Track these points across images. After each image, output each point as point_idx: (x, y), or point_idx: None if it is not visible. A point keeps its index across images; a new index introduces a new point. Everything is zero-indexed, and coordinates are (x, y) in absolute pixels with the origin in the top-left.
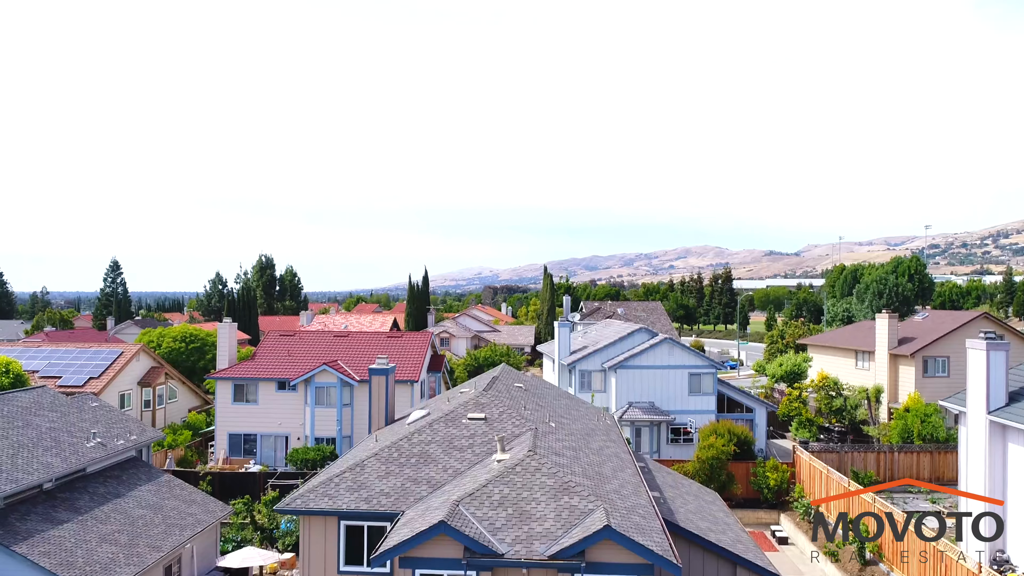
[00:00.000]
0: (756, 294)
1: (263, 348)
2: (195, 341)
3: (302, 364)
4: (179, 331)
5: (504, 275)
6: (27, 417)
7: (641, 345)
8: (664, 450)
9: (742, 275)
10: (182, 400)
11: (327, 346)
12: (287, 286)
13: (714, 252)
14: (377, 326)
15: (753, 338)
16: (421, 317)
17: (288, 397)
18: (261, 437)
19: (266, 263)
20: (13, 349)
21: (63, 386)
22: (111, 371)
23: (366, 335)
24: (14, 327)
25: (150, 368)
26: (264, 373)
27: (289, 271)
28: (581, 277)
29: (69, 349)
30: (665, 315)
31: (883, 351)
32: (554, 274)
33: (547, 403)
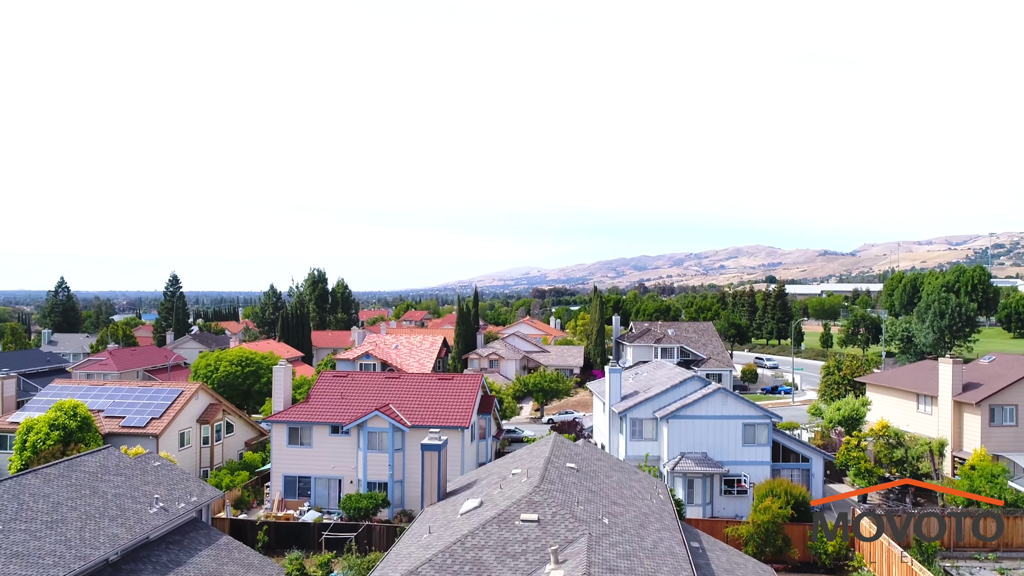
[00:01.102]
0: (810, 303)
1: (317, 390)
2: (250, 365)
3: (355, 408)
4: (235, 355)
5: (552, 275)
6: (94, 484)
7: (693, 394)
8: (717, 502)
9: (795, 275)
10: (238, 433)
11: (379, 389)
12: (339, 299)
13: (766, 252)
14: (427, 347)
15: (807, 354)
16: (471, 338)
17: (341, 441)
18: (315, 479)
19: (318, 277)
20: (80, 387)
21: (127, 426)
22: (171, 411)
23: (417, 378)
24: (79, 340)
25: (208, 405)
26: (318, 417)
27: (340, 284)
28: (629, 277)
29: (132, 388)
30: (716, 336)
31: (947, 398)
32: (602, 274)
33: (599, 486)
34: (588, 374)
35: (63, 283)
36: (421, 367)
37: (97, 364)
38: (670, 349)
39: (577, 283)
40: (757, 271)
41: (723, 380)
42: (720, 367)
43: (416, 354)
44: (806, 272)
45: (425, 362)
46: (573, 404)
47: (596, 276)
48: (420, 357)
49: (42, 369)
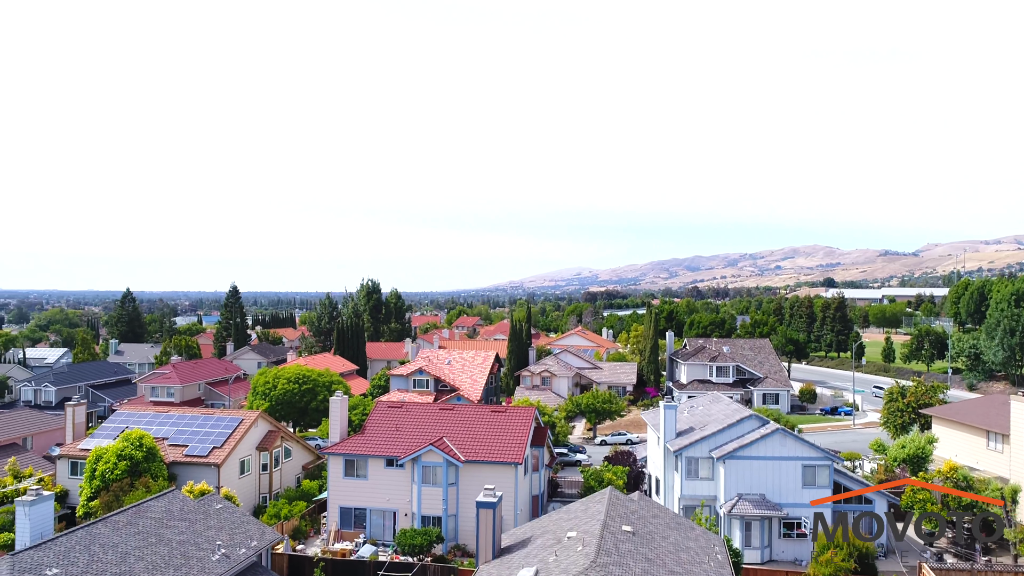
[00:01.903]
0: (871, 310)
1: (372, 420)
2: (307, 383)
3: (409, 440)
4: (293, 372)
5: (603, 276)
6: (159, 531)
7: (751, 434)
8: (776, 545)
9: (854, 277)
10: (296, 458)
11: (433, 421)
12: (392, 309)
13: (824, 252)
14: (480, 363)
15: (868, 368)
16: (523, 355)
17: (396, 474)
18: (371, 511)
19: (372, 287)
20: (145, 414)
21: (190, 455)
22: (232, 440)
23: (470, 410)
24: (144, 351)
25: (267, 432)
26: (373, 450)
27: (394, 294)
28: (682, 278)
29: (195, 416)
30: (772, 353)
31: (1020, 439)
32: (654, 274)
33: (656, 552)
34: (641, 391)
35: (129, 294)
36: (474, 383)
37: (161, 378)
38: (725, 368)
39: (629, 284)
40: (814, 272)
41: (780, 400)
42: (777, 386)
43: (469, 370)
44: (866, 273)
45: (478, 379)
46: (626, 424)
47: (648, 277)
48: (473, 373)
49: (110, 380)
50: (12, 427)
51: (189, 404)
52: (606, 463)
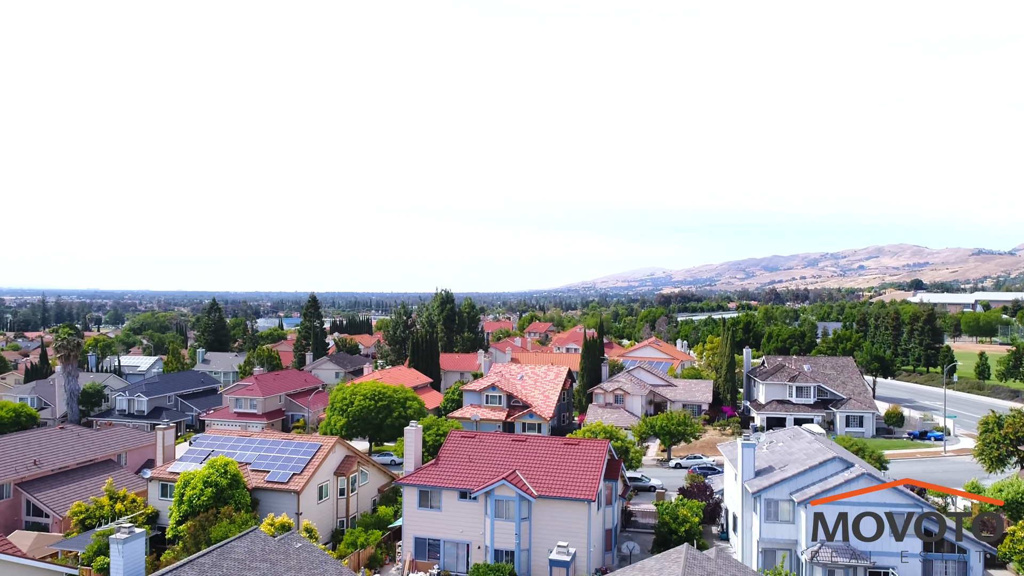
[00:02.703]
0: (963, 318)
1: (446, 450)
2: (383, 399)
3: (482, 473)
4: (369, 389)
5: (677, 276)
6: (242, 573)
7: (834, 478)
8: None
9: (944, 278)
10: (372, 481)
11: (505, 452)
12: (465, 319)
13: (911, 251)
14: (552, 378)
15: (960, 385)
16: (595, 371)
17: (470, 506)
18: (444, 542)
19: (446, 297)
20: (229, 439)
21: (271, 481)
22: (311, 467)
23: (543, 443)
24: (229, 360)
25: (344, 457)
26: (447, 482)
27: (467, 303)
28: (760, 279)
29: (276, 441)
30: (856, 372)
31: None
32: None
33: None
34: (717, 410)
35: (215, 304)
36: (546, 400)
37: (244, 390)
38: (806, 388)
39: (704, 285)
40: (901, 272)
41: (865, 423)
42: (861, 408)
43: (541, 386)
44: (957, 274)
45: (550, 395)
46: (701, 446)
47: (724, 278)
48: (545, 389)
49: (197, 390)
50: (108, 444)
51: (270, 415)
52: (681, 497)
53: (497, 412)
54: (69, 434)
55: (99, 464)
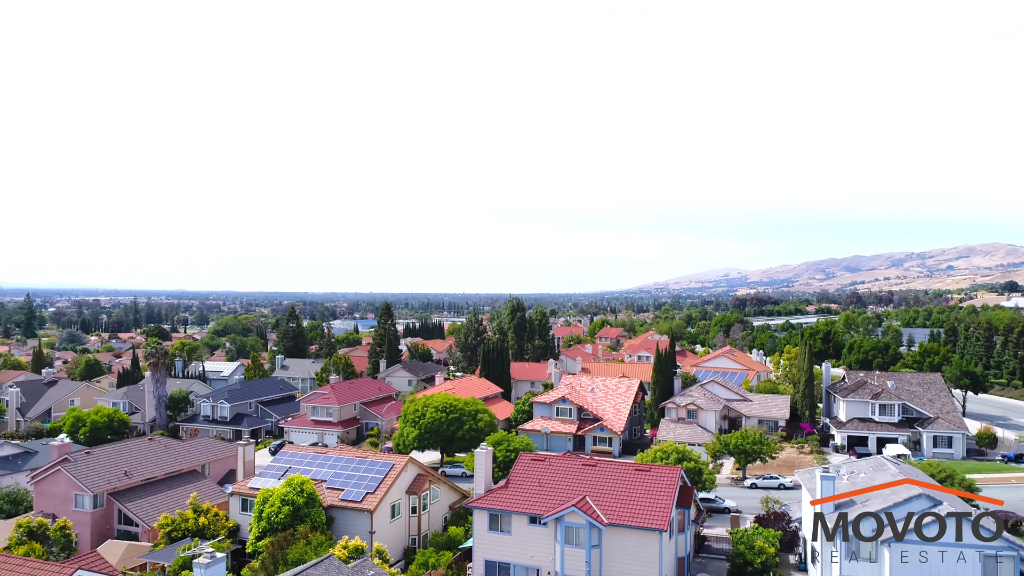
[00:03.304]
0: None
1: (516, 474)
2: (454, 412)
3: (552, 497)
4: (440, 401)
5: (753, 277)
6: None
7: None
8: None
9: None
10: (443, 498)
11: (575, 477)
12: (535, 327)
13: (1005, 251)
14: (623, 391)
15: None
16: (668, 385)
17: (539, 532)
18: (514, 567)
19: (516, 305)
20: (306, 456)
21: (345, 500)
22: (384, 486)
23: (614, 468)
24: (307, 366)
25: (416, 476)
26: (517, 506)
27: (539, 309)
28: (840, 280)
29: (350, 459)
30: (944, 389)
31: None
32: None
33: None
34: (795, 426)
35: (294, 312)
36: (617, 413)
37: (321, 398)
38: (889, 406)
39: (781, 286)
40: (993, 273)
41: (954, 444)
42: (950, 428)
43: (612, 398)
44: None
45: (621, 408)
46: (777, 466)
47: (802, 278)
48: (616, 402)
49: (276, 397)
50: (193, 455)
51: (345, 424)
52: (756, 525)
53: (567, 425)
54: (157, 445)
55: (185, 474)
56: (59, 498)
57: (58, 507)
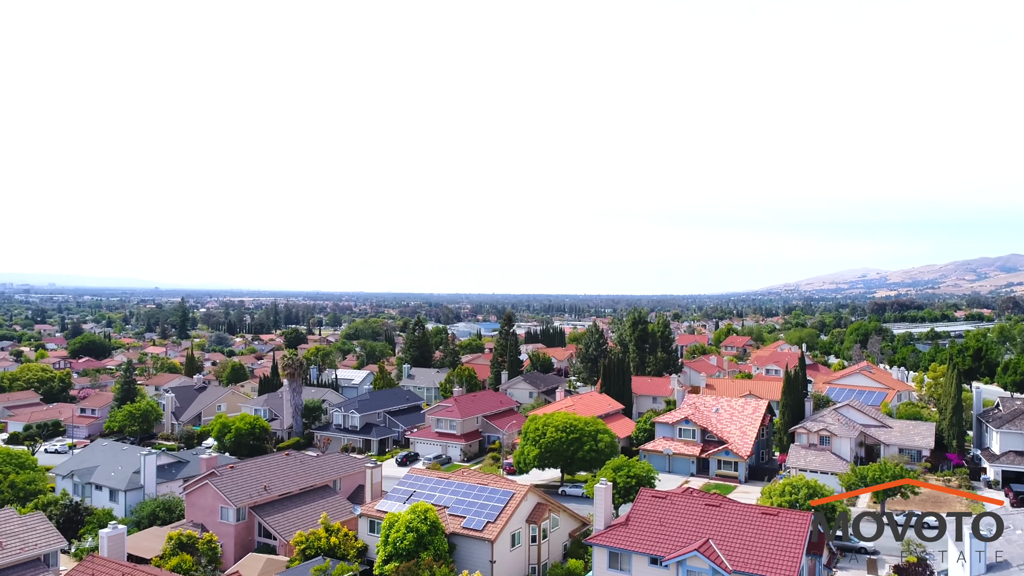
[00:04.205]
0: None
1: (636, 511)
2: (574, 432)
3: (673, 538)
4: (561, 421)
5: (893, 277)
6: None
7: None
8: None
9: None
10: (563, 525)
11: (698, 518)
12: (658, 339)
13: None
14: (749, 412)
15: None
16: (798, 408)
17: (660, 573)
18: None
19: (638, 318)
20: (429, 480)
21: (466, 528)
22: (504, 515)
23: (739, 510)
24: (431, 375)
25: (536, 505)
26: (637, 546)
27: (661, 321)
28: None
29: (472, 486)
30: None
31: None
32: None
33: None
34: (940, 457)
35: (419, 322)
36: (743, 436)
37: (444, 411)
38: None
39: (925, 288)
40: None
41: None
42: None
43: (738, 420)
44: None
45: (747, 431)
46: (920, 501)
47: (949, 279)
48: (742, 424)
49: (403, 407)
50: (326, 471)
51: (467, 437)
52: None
53: (690, 447)
54: (293, 461)
55: (318, 489)
56: (207, 509)
57: (206, 518)
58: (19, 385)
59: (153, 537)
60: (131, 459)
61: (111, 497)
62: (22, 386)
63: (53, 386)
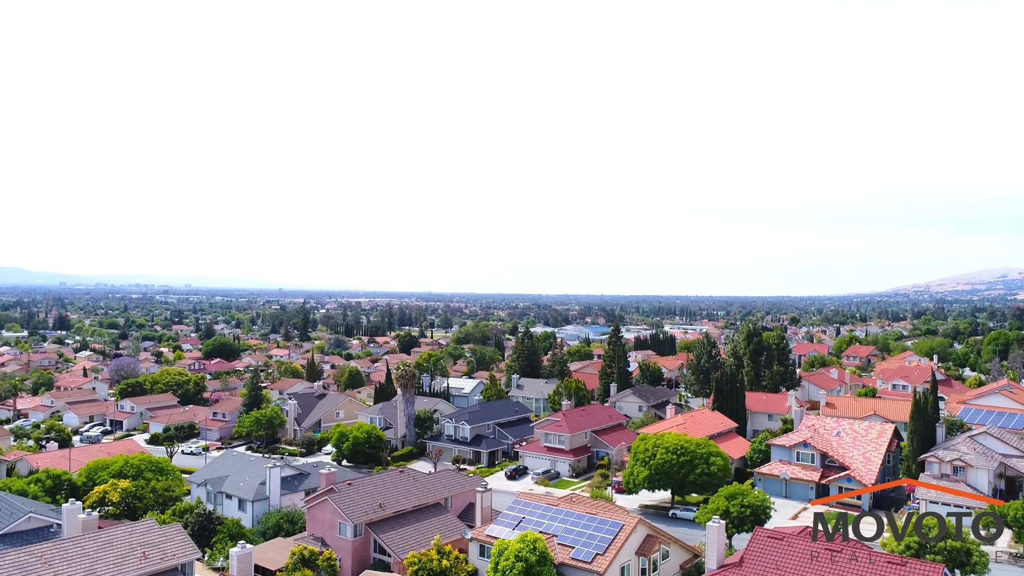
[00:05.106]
0: None
1: (751, 552)
2: (685, 454)
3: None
4: (672, 442)
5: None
6: None
7: None
8: None
9: None
10: (673, 557)
11: (817, 563)
12: (774, 352)
13: None
14: (874, 437)
15: None
16: (929, 434)
17: None
18: None
19: (753, 331)
20: (539, 507)
21: (575, 559)
22: (613, 547)
23: (862, 555)
24: (540, 386)
25: (646, 537)
26: None
27: (777, 333)
28: None
29: (580, 515)
30: None
31: None
32: None
33: None
34: None
35: (528, 332)
36: (867, 463)
37: (553, 425)
38: None
39: None
40: None
41: None
42: None
43: (861, 445)
44: None
45: (872, 457)
46: None
47: None
48: (866, 450)
49: (512, 419)
50: (437, 489)
51: (576, 452)
52: None
53: (809, 472)
54: (406, 478)
55: (430, 507)
56: (326, 524)
57: (325, 532)
58: (159, 388)
59: (277, 549)
60: (258, 470)
61: (239, 506)
62: (162, 388)
63: (188, 389)
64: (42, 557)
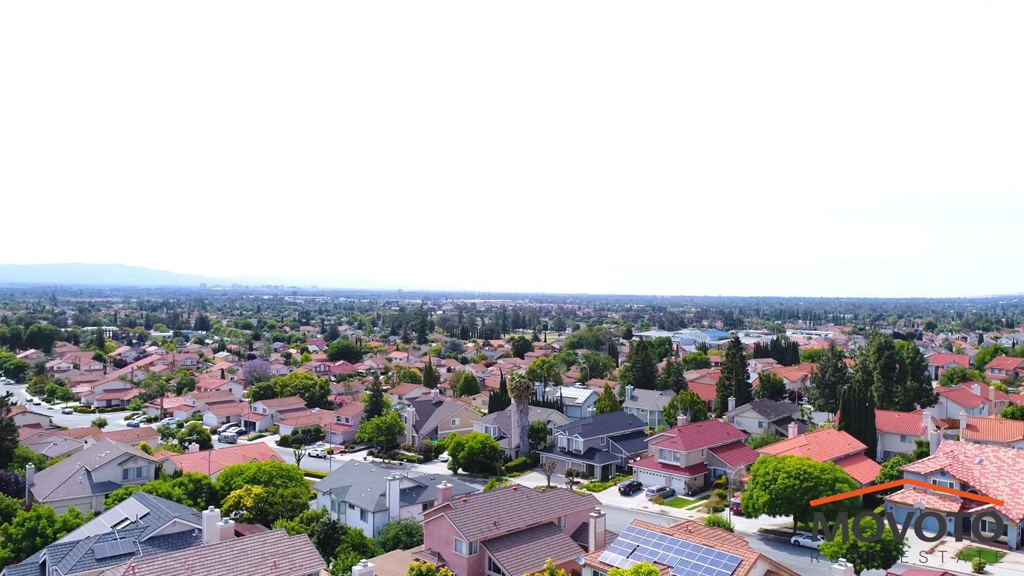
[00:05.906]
0: None
1: None
2: (809, 480)
3: None
4: (794, 467)
5: None
6: None
7: None
8: None
9: None
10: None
11: None
12: (907, 367)
13: None
14: (1020, 466)
15: None
16: None
17: None
18: None
19: (884, 344)
20: (654, 535)
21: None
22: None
23: None
24: (655, 398)
25: (766, 573)
26: None
27: (910, 348)
28: None
29: (697, 547)
30: None
31: None
32: None
33: None
34: None
35: (642, 342)
36: (1014, 494)
37: (668, 441)
38: None
39: None
40: None
41: None
42: None
43: (1007, 475)
44: None
45: (1020, 488)
46: None
47: None
48: (1013, 480)
49: (626, 432)
50: (551, 508)
51: (692, 470)
52: None
53: (947, 503)
54: (520, 496)
55: (543, 527)
56: (442, 539)
57: (442, 547)
58: (288, 391)
59: (396, 561)
60: (379, 481)
61: (361, 516)
62: (290, 392)
63: (314, 392)
64: (185, 563)
